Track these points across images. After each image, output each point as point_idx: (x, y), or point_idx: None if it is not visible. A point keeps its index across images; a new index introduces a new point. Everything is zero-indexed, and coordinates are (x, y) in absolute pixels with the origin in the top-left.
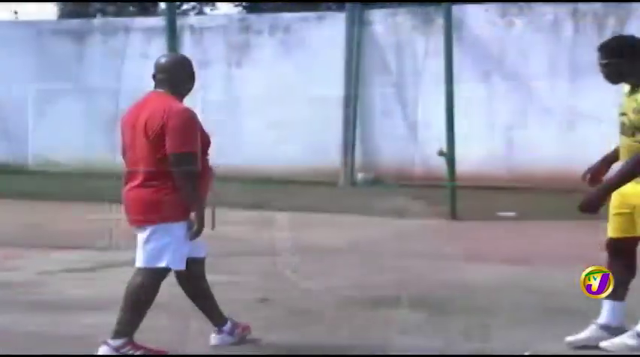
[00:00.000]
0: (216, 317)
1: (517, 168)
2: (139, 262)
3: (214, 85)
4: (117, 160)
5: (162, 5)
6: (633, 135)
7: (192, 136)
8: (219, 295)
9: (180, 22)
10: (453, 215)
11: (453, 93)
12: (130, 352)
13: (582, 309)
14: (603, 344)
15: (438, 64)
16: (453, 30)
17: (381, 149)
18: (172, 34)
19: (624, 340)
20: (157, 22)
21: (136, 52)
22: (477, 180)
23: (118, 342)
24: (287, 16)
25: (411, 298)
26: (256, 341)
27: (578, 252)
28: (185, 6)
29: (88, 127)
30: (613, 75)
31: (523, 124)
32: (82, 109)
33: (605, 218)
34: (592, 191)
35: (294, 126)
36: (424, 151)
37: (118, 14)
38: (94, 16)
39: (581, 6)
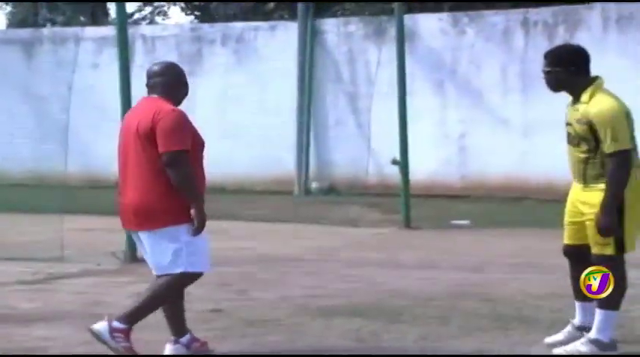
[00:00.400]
0: (178, 327)
1: (470, 176)
2: (153, 269)
3: None
4: (68, 171)
5: (114, 15)
6: (579, 145)
7: (183, 135)
8: None
9: (132, 31)
10: (407, 224)
11: (406, 102)
12: (120, 341)
13: (535, 316)
14: (556, 351)
15: (391, 74)
16: (406, 39)
17: (335, 158)
18: (124, 44)
19: (577, 346)
20: (108, 31)
21: (86, 61)
22: (430, 188)
23: (117, 324)
24: (239, 26)
25: (365, 307)
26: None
27: (531, 259)
28: (137, 15)
29: (38, 137)
30: (552, 83)
31: (476, 132)
32: (32, 119)
33: (556, 226)
34: (601, 218)
35: (247, 135)
36: (378, 160)
37: (67, 24)
38: (44, 25)
39: (532, 15)
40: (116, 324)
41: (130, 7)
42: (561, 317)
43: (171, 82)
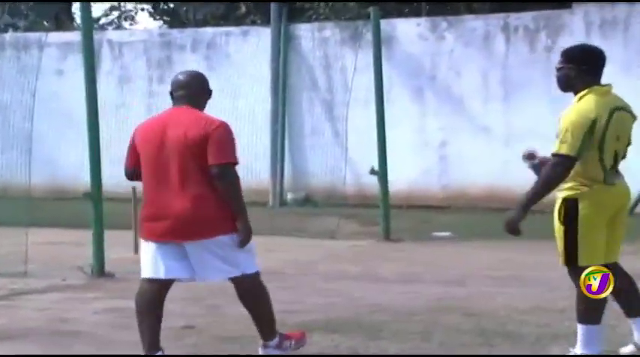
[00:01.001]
0: (154, 341)
1: (451, 186)
2: (198, 279)
3: (135, 103)
4: (33, 181)
5: (79, 19)
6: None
7: (234, 147)
8: None
9: (98, 36)
10: (387, 236)
11: (384, 109)
12: (292, 345)
13: (520, 331)
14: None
15: (368, 80)
16: (383, 45)
17: (311, 168)
18: (90, 50)
19: None
20: (73, 36)
21: (51, 68)
22: (410, 199)
23: (275, 341)
24: (210, 31)
25: (344, 323)
26: None
27: (515, 272)
28: (103, 20)
29: (0, 146)
30: (561, 80)
31: (457, 140)
32: None
33: (540, 238)
34: (510, 212)
35: None
36: (355, 170)
37: (30, 29)
38: (5, 31)
39: (512, 20)
40: (274, 341)
41: (96, 12)
42: (547, 332)
43: (199, 93)
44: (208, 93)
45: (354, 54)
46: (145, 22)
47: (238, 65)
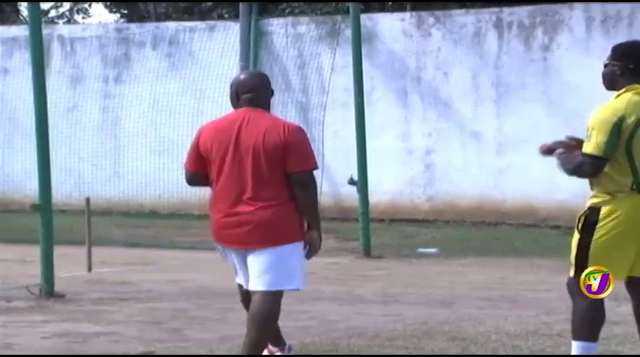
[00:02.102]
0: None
1: (438, 198)
2: (264, 286)
3: (89, 105)
4: None
5: (25, 13)
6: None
7: (312, 151)
8: (98, 348)
9: (47, 31)
10: (367, 252)
11: (364, 113)
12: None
13: None
14: None
15: (347, 81)
16: (363, 42)
17: None
18: (38, 46)
19: None
20: (20, 31)
21: None
22: (393, 212)
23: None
24: (172, 26)
25: (319, 349)
26: None
27: (508, 293)
28: (53, 13)
29: None
30: (605, 77)
31: (444, 148)
32: None
33: (535, 254)
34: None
35: (182, 151)
36: (333, 179)
37: None
38: None
39: (506, 15)
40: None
41: (45, 4)
42: None
43: (267, 95)
44: (272, 92)
45: (331, 52)
46: (100, 15)
47: (204, 64)
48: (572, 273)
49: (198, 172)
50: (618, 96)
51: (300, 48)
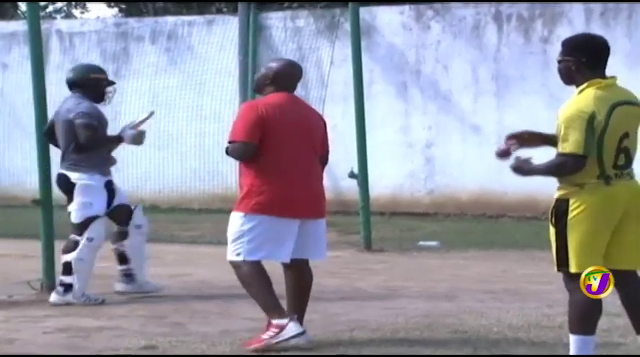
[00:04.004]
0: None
1: (439, 191)
2: (318, 257)
3: None
4: None
5: (24, 7)
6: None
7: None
8: (101, 342)
9: (46, 26)
10: (368, 246)
11: (364, 107)
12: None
13: (515, 351)
14: None
15: (346, 74)
16: (363, 36)
17: None
18: (37, 41)
19: None
20: (18, 26)
21: None
22: (393, 205)
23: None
24: (171, 20)
25: (320, 343)
26: None
27: (510, 285)
28: (51, 8)
29: None
30: (562, 73)
31: (444, 141)
32: None
33: (536, 247)
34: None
35: (182, 145)
36: (333, 173)
37: None
38: None
39: (505, 8)
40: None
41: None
42: (543, 351)
43: (296, 85)
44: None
45: (330, 45)
46: (99, 10)
47: (202, 58)
48: (555, 268)
49: (256, 143)
50: (581, 91)
51: (299, 42)
